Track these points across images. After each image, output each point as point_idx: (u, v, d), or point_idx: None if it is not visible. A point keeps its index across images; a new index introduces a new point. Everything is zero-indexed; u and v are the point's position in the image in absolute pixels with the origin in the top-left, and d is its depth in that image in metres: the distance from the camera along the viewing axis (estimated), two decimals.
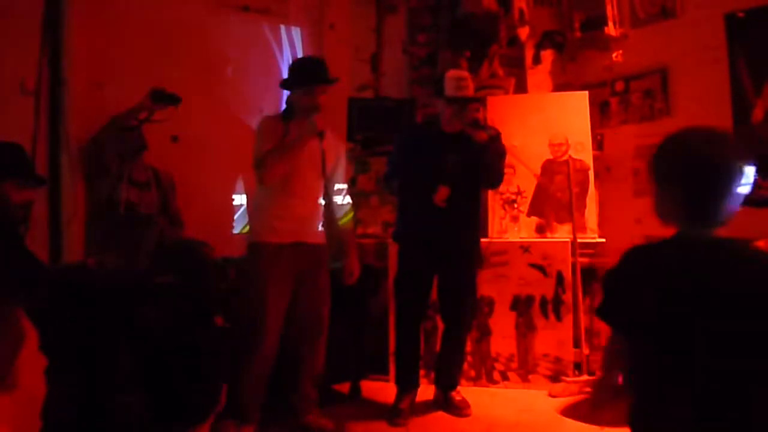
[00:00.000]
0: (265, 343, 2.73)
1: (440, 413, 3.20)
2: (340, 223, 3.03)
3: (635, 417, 1.37)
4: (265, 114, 3.03)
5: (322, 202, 2.94)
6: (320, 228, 2.94)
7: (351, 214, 3.07)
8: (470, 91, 3.09)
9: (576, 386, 3.37)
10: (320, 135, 2.75)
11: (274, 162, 2.74)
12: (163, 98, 3.10)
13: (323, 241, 2.95)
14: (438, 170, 3.06)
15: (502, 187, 3.66)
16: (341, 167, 3.05)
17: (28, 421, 0.94)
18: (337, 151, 3.00)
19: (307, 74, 2.85)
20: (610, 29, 4.02)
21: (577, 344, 3.51)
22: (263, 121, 2.92)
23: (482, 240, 3.40)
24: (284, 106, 3.04)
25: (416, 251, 3.14)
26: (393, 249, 3.43)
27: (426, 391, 3.31)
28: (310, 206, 2.89)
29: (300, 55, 4.23)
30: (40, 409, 1.78)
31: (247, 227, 3.54)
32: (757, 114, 3.37)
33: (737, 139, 1.46)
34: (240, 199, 3.79)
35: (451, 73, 3.12)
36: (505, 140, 3.19)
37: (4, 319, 0.88)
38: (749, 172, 1.34)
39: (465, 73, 3.15)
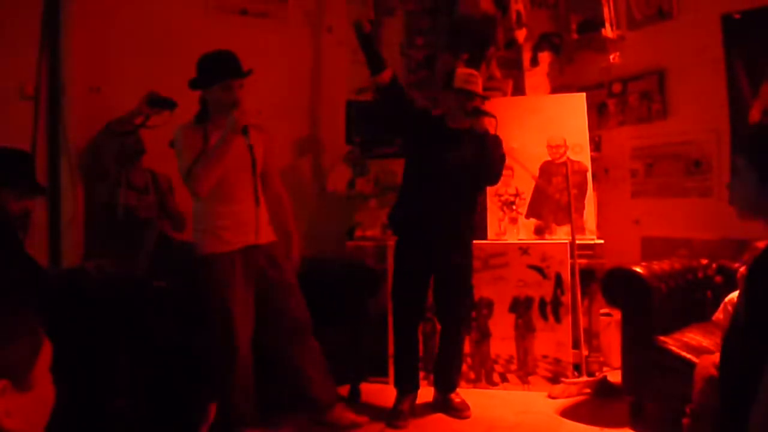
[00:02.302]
0: (239, 352, 2.67)
1: (440, 415, 3.20)
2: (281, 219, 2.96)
3: None
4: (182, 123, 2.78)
5: (261, 200, 2.81)
6: (269, 226, 2.84)
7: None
8: (478, 87, 3.11)
9: (575, 387, 3.37)
10: (244, 131, 2.63)
11: (204, 171, 2.58)
12: (159, 103, 3.10)
13: (274, 237, 2.87)
14: (439, 166, 3.07)
15: (500, 189, 3.68)
16: (273, 160, 2.95)
17: (41, 422, 0.96)
18: (265, 144, 2.86)
19: (222, 69, 2.70)
20: (607, 31, 4.03)
21: (576, 345, 3.51)
22: (179, 130, 2.70)
23: (481, 242, 3.41)
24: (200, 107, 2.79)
25: (414, 251, 3.15)
26: (392, 251, 3.43)
27: (425, 393, 3.31)
28: (251, 208, 2.76)
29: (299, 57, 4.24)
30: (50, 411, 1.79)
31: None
32: (754, 115, 3.37)
33: None
34: None
35: (461, 69, 3.19)
36: (504, 142, 3.19)
37: (24, 323, 0.90)
38: None
39: (474, 71, 3.18)
